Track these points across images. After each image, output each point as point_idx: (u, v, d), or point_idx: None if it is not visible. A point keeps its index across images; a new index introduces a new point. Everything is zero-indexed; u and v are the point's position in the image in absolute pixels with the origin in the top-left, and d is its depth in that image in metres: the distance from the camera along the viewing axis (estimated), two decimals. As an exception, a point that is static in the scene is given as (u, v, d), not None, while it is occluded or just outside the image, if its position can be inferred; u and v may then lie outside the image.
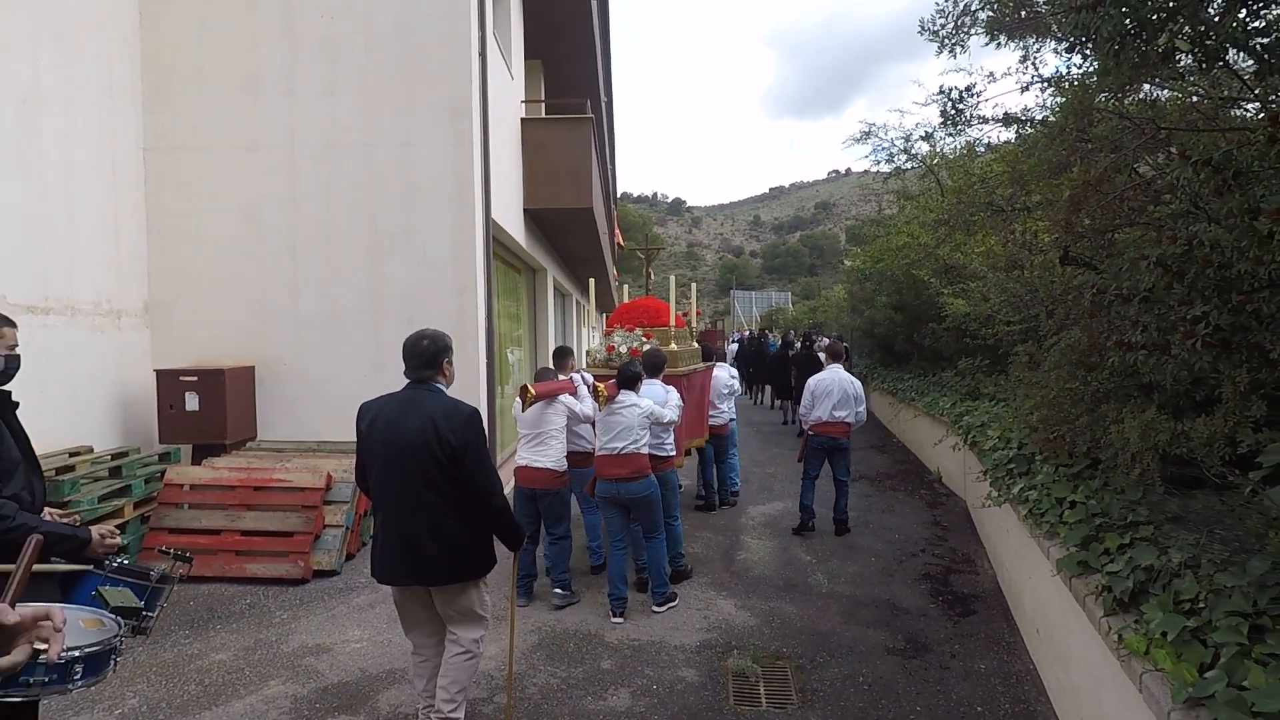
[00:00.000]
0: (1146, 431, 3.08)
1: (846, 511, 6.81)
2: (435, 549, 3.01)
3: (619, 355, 6.25)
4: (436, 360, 3.12)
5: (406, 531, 3.01)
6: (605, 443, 4.86)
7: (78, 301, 5.87)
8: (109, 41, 6.39)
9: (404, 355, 3.12)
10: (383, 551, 3.08)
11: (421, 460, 2.96)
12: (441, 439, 2.95)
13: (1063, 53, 3.41)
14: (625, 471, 4.80)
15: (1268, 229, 1.92)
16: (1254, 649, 2.25)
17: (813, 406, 6.72)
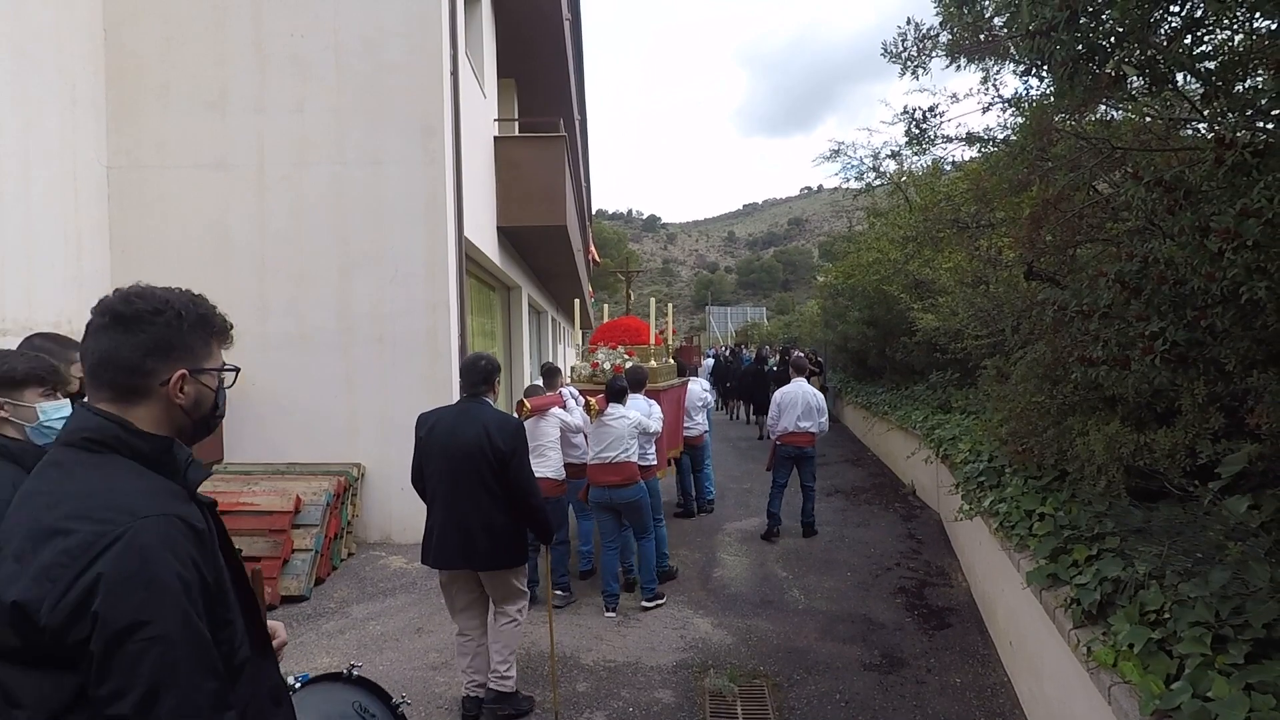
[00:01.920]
0: (1111, 444, 3.14)
1: (813, 515, 7.28)
2: (486, 539, 3.53)
3: (603, 371, 6.55)
4: (490, 378, 3.76)
5: (462, 523, 3.53)
6: (598, 452, 5.25)
7: (36, 322, 5.71)
8: (71, 57, 6.29)
9: (462, 372, 3.80)
10: (439, 541, 3.58)
11: (476, 463, 3.51)
12: (494, 446, 3.50)
13: (1021, 75, 3.50)
14: (617, 478, 5.21)
15: (1218, 247, 1.98)
16: (1217, 659, 2.29)
17: (779, 418, 7.14)
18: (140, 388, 1.27)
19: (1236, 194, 2.06)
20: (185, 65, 6.76)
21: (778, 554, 6.64)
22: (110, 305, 1.28)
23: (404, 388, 6.74)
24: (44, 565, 1.10)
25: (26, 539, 1.14)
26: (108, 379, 1.26)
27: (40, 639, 1.07)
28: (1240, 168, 2.04)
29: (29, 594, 1.08)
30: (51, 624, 1.06)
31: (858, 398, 13.56)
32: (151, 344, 1.27)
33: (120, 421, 1.26)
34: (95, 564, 1.09)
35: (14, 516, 1.19)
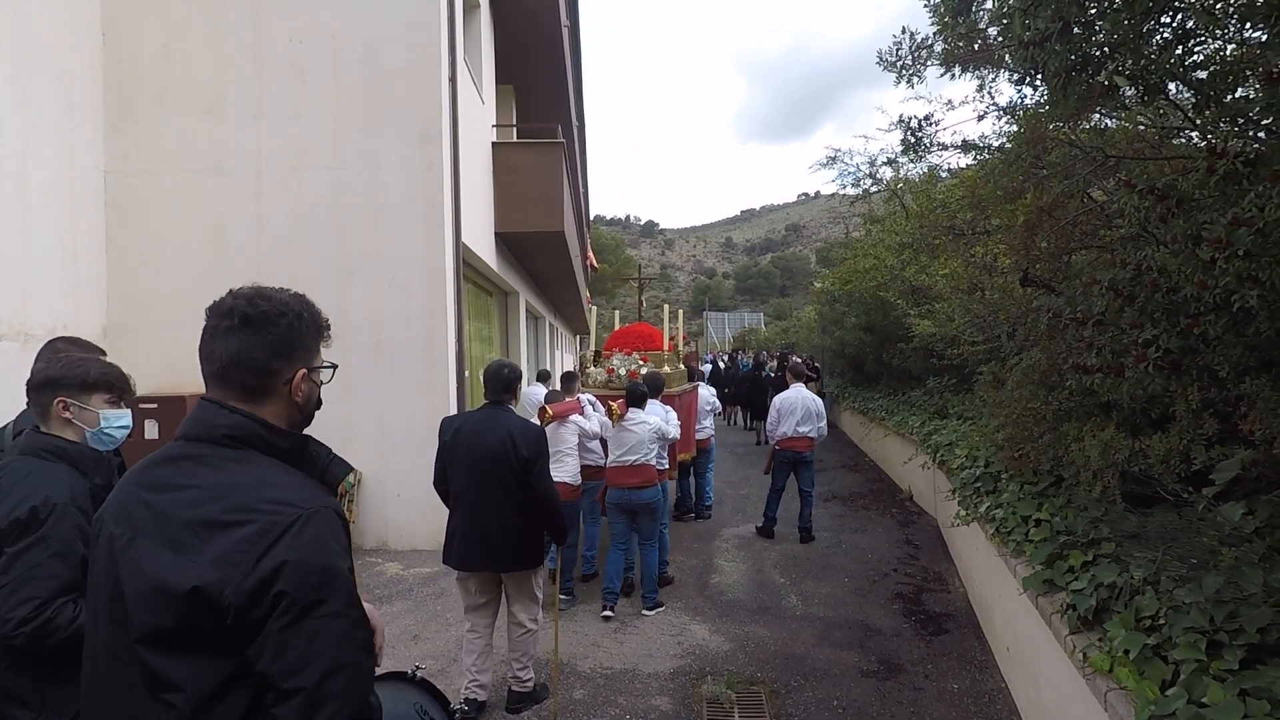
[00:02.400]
0: (1106, 449, 3.15)
1: (810, 520, 7.29)
2: (505, 540, 3.67)
3: (618, 377, 6.81)
4: (512, 386, 3.90)
5: (484, 525, 3.66)
6: (619, 455, 5.39)
7: (32, 326, 5.71)
8: (70, 62, 6.30)
9: (485, 380, 3.91)
10: (461, 543, 3.70)
11: (499, 467, 3.64)
12: (517, 452, 3.63)
13: (1015, 84, 3.52)
14: (637, 480, 5.35)
15: (1210, 255, 1.99)
16: (1212, 665, 2.30)
17: (778, 423, 7.23)
18: (267, 387, 1.35)
19: (1228, 203, 2.08)
20: (183, 70, 6.78)
21: (775, 560, 6.64)
22: (237, 308, 1.34)
23: (401, 393, 6.74)
24: (221, 553, 1.16)
25: (184, 529, 1.19)
26: (238, 379, 1.33)
27: (219, 621, 1.14)
28: (1232, 177, 2.06)
29: (210, 579, 1.14)
30: (236, 604, 1.14)
31: (855, 403, 13.58)
32: (278, 345, 1.35)
33: (260, 420, 1.33)
34: (273, 550, 1.16)
35: (148, 504, 1.24)
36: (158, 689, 1.16)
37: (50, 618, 1.78)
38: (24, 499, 1.86)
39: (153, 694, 1.16)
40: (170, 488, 1.25)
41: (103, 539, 1.28)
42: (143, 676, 1.17)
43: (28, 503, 1.86)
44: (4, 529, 1.83)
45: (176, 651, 1.17)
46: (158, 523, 1.21)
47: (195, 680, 1.16)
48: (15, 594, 1.78)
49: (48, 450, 2.00)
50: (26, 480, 1.91)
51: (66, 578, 1.83)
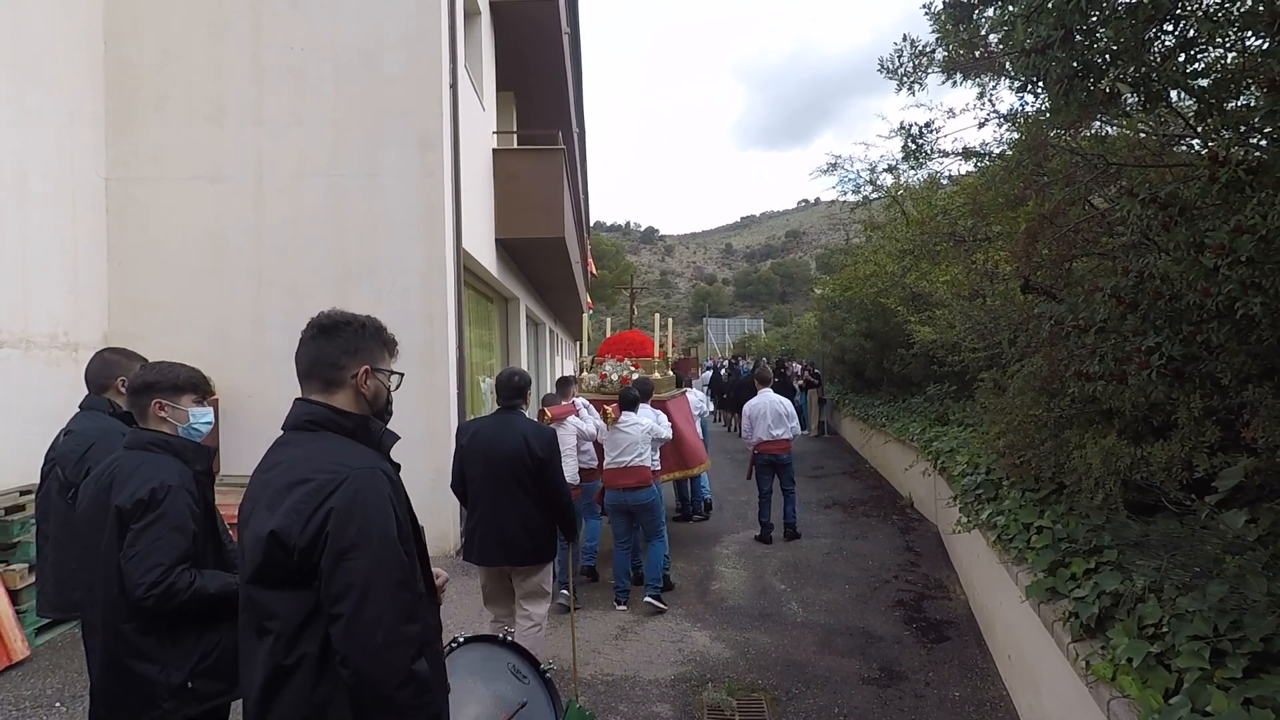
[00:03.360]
0: (1108, 457, 3.14)
1: (795, 516, 7.60)
2: (524, 537, 3.82)
3: (611, 383, 7.02)
4: (523, 392, 4.09)
5: (503, 524, 3.82)
6: (614, 457, 5.62)
7: (33, 334, 5.71)
8: (70, 69, 6.31)
9: (498, 387, 4.09)
10: (481, 540, 3.88)
11: (515, 468, 3.81)
12: (531, 452, 3.80)
13: (1016, 92, 3.53)
14: (632, 481, 5.58)
15: (1213, 263, 1.99)
16: (1216, 673, 2.28)
17: (752, 429, 7.47)
18: (338, 379, 1.71)
19: (1231, 210, 2.08)
20: (183, 77, 6.79)
21: (775, 566, 6.62)
22: (316, 322, 1.75)
23: (401, 400, 6.69)
24: (291, 504, 1.50)
25: (276, 494, 1.54)
26: (317, 375, 1.71)
27: (291, 559, 1.47)
28: (1234, 184, 2.06)
29: (282, 524, 1.48)
30: (300, 545, 1.46)
31: (855, 410, 13.56)
32: (345, 345, 1.72)
33: (329, 406, 1.69)
34: (327, 501, 1.49)
35: (261, 482, 1.62)
36: (262, 618, 1.50)
37: (173, 582, 2.08)
38: (143, 483, 2.16)
39: (259, 623, 1.50)
40: (272, 466, 1.63)
41: (243, 509, 1.65)
42: (252, 609, 1.52)
43: (147, 485, 2.16)
44: (129, 509, 2.13)
45: (269, 585, 1.50)
46: (263, 492, 1.58)
47: (288, 610, 1.49)
48: (144, 563, 2.08)
49: (153, 443, 2.30)
50: (141, 469, 2.21)
51: (184, 548, 2.15)
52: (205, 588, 2.14)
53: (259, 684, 1.49)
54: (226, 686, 2.22)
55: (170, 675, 2.13)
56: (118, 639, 2.13)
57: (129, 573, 2.08)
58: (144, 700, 2.11)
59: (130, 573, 2.08)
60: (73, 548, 2.78)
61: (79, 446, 2.83)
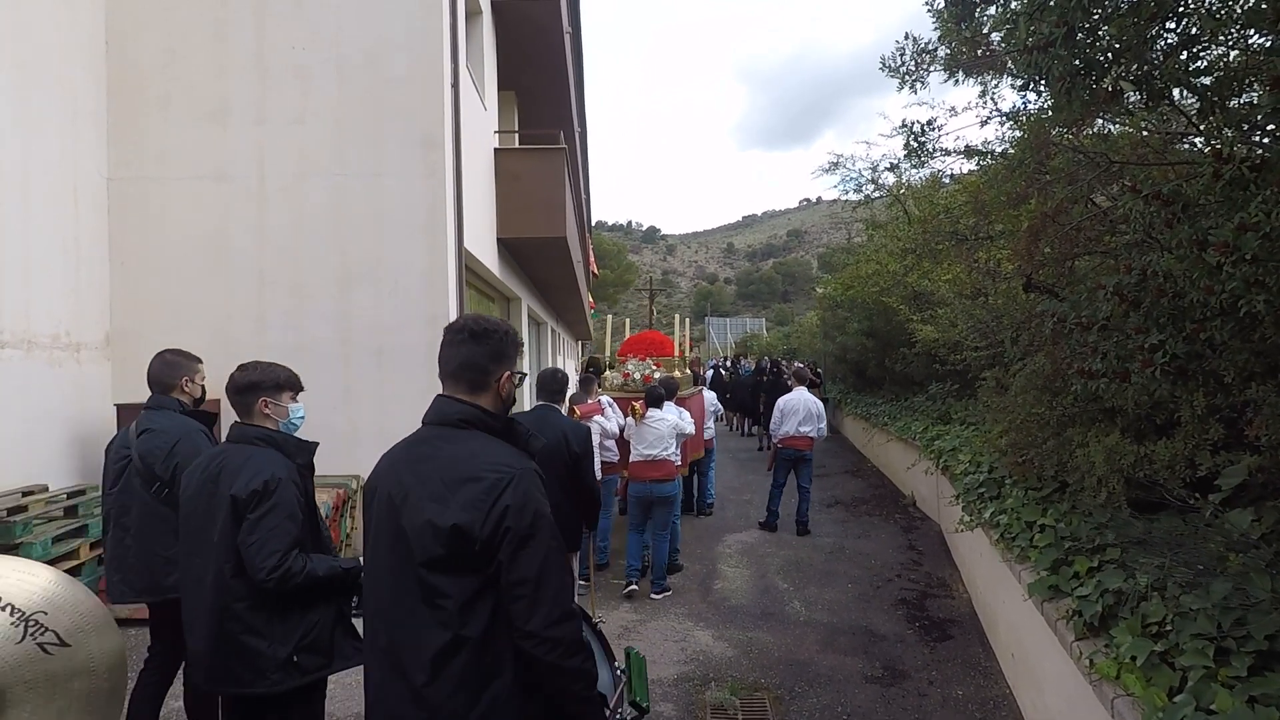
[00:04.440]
0: (1111, 455, 3.14)
1: (807, 514, 7.79)
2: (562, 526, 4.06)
3: (634, 381, 7.41)
4: (564, 390, 4.42)
5: None
6: (641, 450, 5.94)
7: (35, 334, 5.71)
8: (73, 69, 6.32)
9: (541, 384, 4.40)
10: None
11: (555, 461, 3.93)
12: (569, 448, 4.02)
13: (1018, 90, 3.53)
14: (658, 474, 5.89)
15: (1216, 260, 1.99)
16: (1220, 672, 2.28)
17: (781, 423, 7.72)
18: (484, 383, 1.84)
19: (1234, 208, 2.07)
20: (187, 77, 6.79)
21: (778, 565, 6.62)
22: (466, 326, 1.85)
23: (403, 400, 6.73)
24: (468, 500, 1.64)
25: (442, 486, 1.68)
26: (466, 377, 1.83)
27: (472, 549, 1.63)
28: (1238, 182, 2.06)
29: (464, 519, 1.63)
30: (483, 537, 1.63)
31: (857, 409, 13.56)
32: (492, 352, 1.84)
33: (479, 407, 1.82)
34: (501, 498, 1.65)
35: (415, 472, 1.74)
36: (433, 597, 1.65)
37: (290, 566, 2.28)
38: (256, 474, 2.35)
39: (429, 601, 1.65)
40: (426, 459, 1.75)
41: (380, 499, 1.77)
42: (421, 590, 1.66)
43: (260, 477, 2.34)
44: (244, 499, 2.31)
45: (446, 571, 1.65)
46: (421, 482, 1.70)
47: (459, 590, 1.65)
48: (263, 549, 2.26)
49: (258, 438, 2.49)
50: (250, 462, 2.38)
51: (295, 534, 2.35)
52: (315, 570, 2.34)
53: (430, 655, 1.65)
54: (325, 661, 2.42)
55: (277, 650, 2.32)
56: (231, 616, 2.30)
57: (250, 557, 2.26)
58: (253, 672, 2.30)
59: (251, 557, 2.26)
60: (161, 537, 3.01)
61: (165, 443, 3.07)
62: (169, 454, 3.05)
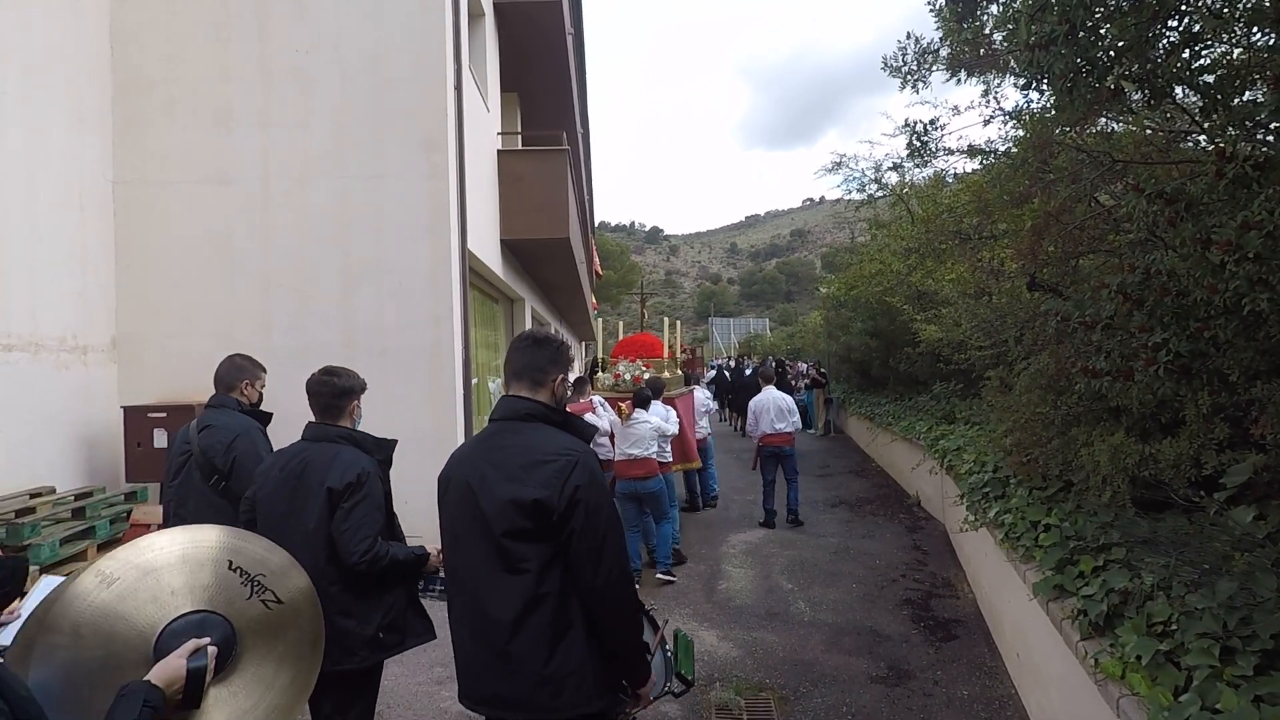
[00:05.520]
0: (1116, 454, 3.14)
1: (797, 503, 8.14)
2: None
3: (624, 381, 7.65)
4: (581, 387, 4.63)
5: None
6: (624, 449, 6.22)
7: (41, 337, 5.74)
8: (78, 74, 6.35)
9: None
10: None
11: None
12: None
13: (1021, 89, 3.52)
14: (641, 472, 6.19)
15: (1220, 259, 1.98)
16: (1225, 671, 2.28)
17: (756, 423, 8.11)
18: (543, 382, 2.15)
19: (1237, 206, 2.07)
20: (190, 81, 6.82)
21: (782, 566, 6.62)
22: (530, 335, 2.21)
23: (407, 401, 6.74)
24: (544, 479, 1.93)
25: (518, 469, 1.97)
26: (529, 376, 2.14)
27: (550, 520, 1.92)
28: (1241, 180, 2.05)
29: (543, 494, 1.92)
30: (559, 508, 1.92)
31: (861, 408, 13.53)
32: (551, 357, 2.16)
33: (541, 403, 2.13)
34: (572, 476, 1.94)
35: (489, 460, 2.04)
36: (515, 563, 1.94)
37: (379, 550, 2.51)
38: (348, 468, 2.59)
39: (511, 568, 1.94)
40: (499, 449, 2.05)
41: (456, 485, 2.08)
42: (503, 559, 1.95)
43: (353, 470, 2.58)
44: (339, 490, 2.55)
45: (527, 540, 1.94)
46: (496, 469, 2.00)
47: (537, 556, 1.94)
48: (356, 534, 2.49)
49: (340, 437, 2.74)
50: (339, 458, 2.63)
51: (382, 522, 2.62)
52: (396, 555, 2.59)
53: (513, 611, 1.94)
54: (401, 638, 2.65)
55: (364, 628, 2.53)
56: (325, 599, 2.38)
57: (344, 542, 2.49)
58: (343, 650, 2.47)
59: (345, 543, 2.48)
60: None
61: (224, 439, 3.34)
62: (227, 449, 3.31)
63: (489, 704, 2.01)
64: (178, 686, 1.44)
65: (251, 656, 1.68)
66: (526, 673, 1.93)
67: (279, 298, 6.81)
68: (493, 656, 1.96)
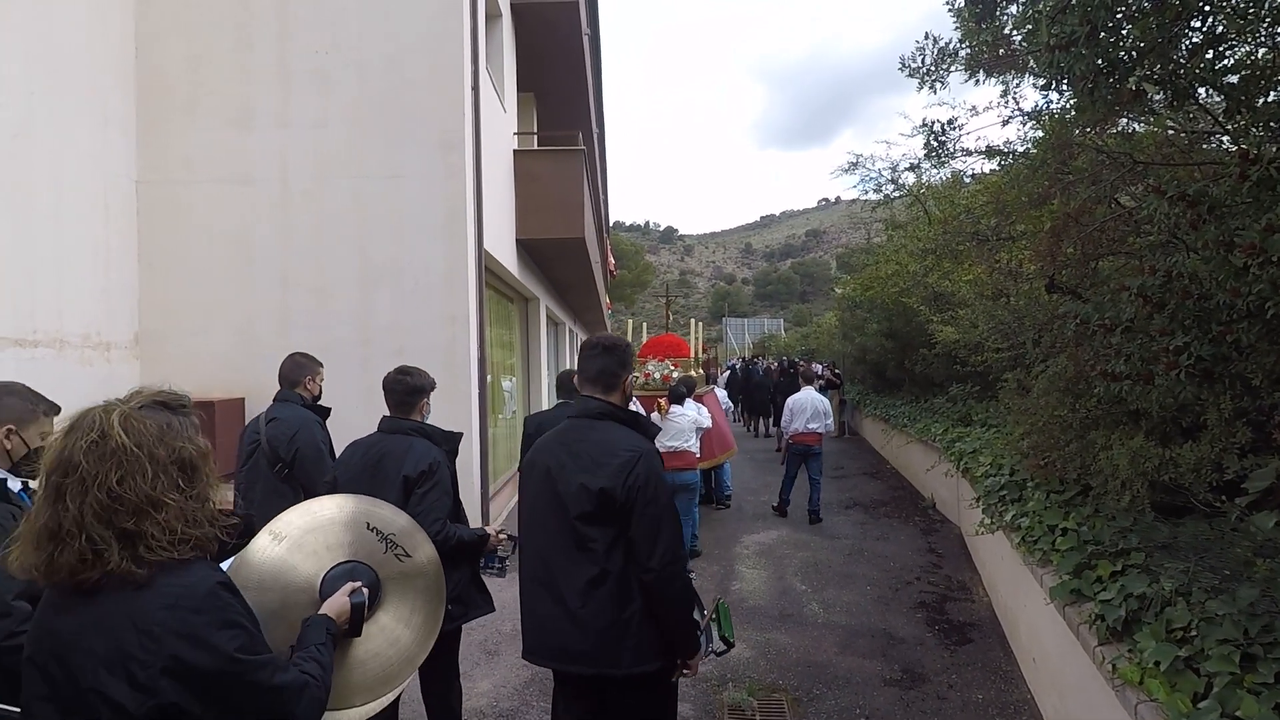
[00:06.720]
0: (1135, 458, 3.10)
1: (819, 504, 8.32)
2: None
3: (654, 380, 8.07)
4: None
5: None
6: (664, 442, 6.37)
7: (66, 334, 5.84)
8: (103, 75, 6.45)
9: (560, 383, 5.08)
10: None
11: None
12: None
13: (1041, 89, 3.49)
14: (680, 464, 6.46)
15: (1243, 262, 1.96)
16: (1246, 678, 2.25)
17: (791, 420, 8.44)
18: (614, 384, 2.44)
19: (1261, 209, 2.05)
20: (212, 82, 6.90)
21: (796, 567, 6.60)
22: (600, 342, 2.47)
23: (423, 399, 6.79)
24: (611, 471, 2.22)
25: (591, 461, 2.27)
26: (603, 380, 2.43)
27: (615, 505, 2.21)
28: (1265, 183, 2.03)
29: (609, 484, 2.21)
30: (621, 499, 2.20)
31: (876, 410, 13.46)
32: (621, 360, 2.45)
33: (612, 403, 2.42)
34: (635, 469, 2.22)
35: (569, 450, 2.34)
36: (585, 542, 2.24)
37: (449, 531, 2.80)
38: (422, 458, 2.89)
39: (582, 546, 2.25)
40: (577, 441, 2.35)
41: (538, 469, 2.38)
42: (575, 537, 2.25)
43: (425, 460, 2.88)
44: (414, 477, 2.84)
45: (595, 523, 2.23)
46: (574, 458, 2.30)
47: (604, 536, 2.23)
48: (429, 516, 2.73)
49: (413, 430, 3.02)
50: (413, 449, 2.92)
51: (450, 507, 2.91)
52: (462, 535, 2.89)
53: (581, 585, 2.23)
54: (464, 610, 2.93)
55: None
56: None
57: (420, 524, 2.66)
58: None
59: (421, 524, 2.64)
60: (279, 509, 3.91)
61: (288, 432, 3.67)
62: (290, 440, 3.64)
63: (557, 657, 2.31)
64: (345, 618, 1.77)
65: (390, 599, 2.00)
66: (592, 634, 2.22)
67: (298, 296, 6.88)
68: (564, 617, 2.26)
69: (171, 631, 1.25)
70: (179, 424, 1.46)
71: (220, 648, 1.28)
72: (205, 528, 1.38)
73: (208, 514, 1.41)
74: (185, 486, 1.39)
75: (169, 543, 1.31)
